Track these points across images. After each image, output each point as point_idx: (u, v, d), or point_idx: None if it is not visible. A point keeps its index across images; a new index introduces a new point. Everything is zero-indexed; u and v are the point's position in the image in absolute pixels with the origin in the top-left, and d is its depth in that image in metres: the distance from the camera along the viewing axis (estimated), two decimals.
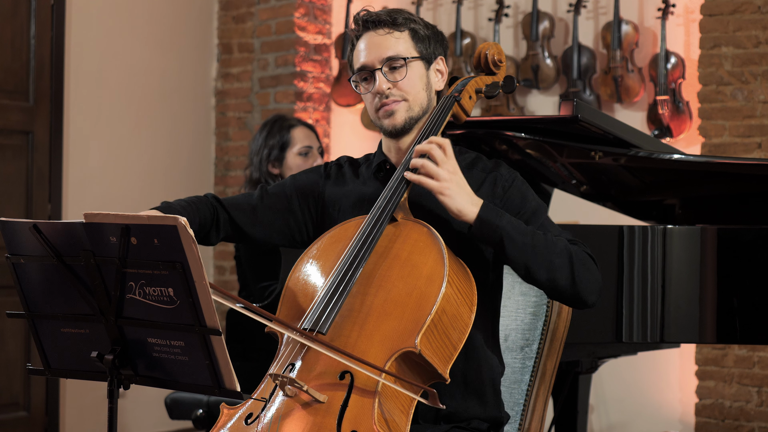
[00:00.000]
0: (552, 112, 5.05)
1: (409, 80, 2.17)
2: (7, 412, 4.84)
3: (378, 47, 2.18)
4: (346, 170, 2.34)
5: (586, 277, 2.07)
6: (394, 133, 2.20)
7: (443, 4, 5.45)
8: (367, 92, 2.20)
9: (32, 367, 2.03)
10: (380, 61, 2.18)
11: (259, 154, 3.85)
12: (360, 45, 2.22)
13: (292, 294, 2.11)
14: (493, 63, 2.30)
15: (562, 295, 2.09)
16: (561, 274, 2.05)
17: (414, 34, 2.20)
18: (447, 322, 1.97)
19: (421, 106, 2.19)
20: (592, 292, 2.08)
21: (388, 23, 2.19)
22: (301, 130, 3.88)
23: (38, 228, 1.87)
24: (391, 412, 1.91)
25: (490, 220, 2.03)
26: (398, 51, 2.18)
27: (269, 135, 3.86)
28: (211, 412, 3.67)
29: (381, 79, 2.17)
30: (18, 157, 4.91)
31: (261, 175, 3.83)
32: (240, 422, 1.97)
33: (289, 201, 2.32)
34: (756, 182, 3.11)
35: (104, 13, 5.34)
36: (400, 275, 2.01)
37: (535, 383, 2.48)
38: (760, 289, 2.93)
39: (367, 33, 2.21)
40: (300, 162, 3.83)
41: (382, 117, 2.19)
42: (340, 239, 2.13)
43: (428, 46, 2.22)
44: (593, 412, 4.90)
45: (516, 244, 2.03)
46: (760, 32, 4.47)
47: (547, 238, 2.06)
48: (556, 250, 2.05)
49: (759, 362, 4.50)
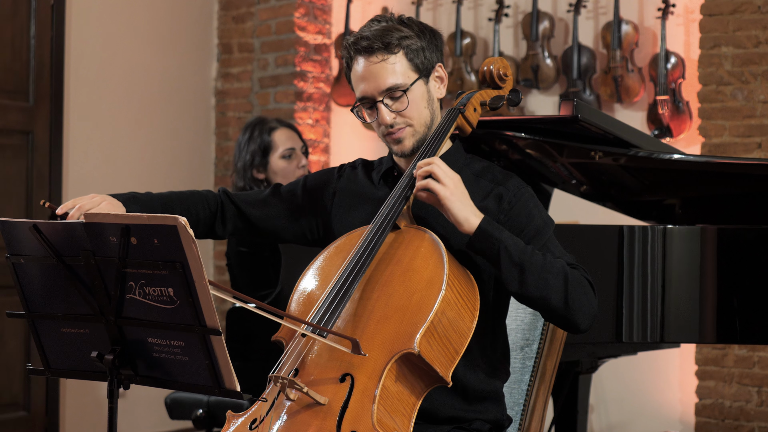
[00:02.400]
0: (552, 112, 5.05)
1: (411, 106, 2.17)
2: (7, 412, 4.84)
3: (376, 78, 2.16)
4: (359, 172, 2.35)
5: (581, 301, 2.06)
6: (403, 156, 2.22)
7: (443, 4, 5.45)
8: (373, 120, 2.20)
9: (32, 367, 2.04)
10: (380, 93, 2.16)
11: (242, 161, 3.78)
12: (357, 70, 2.19)
13: (298, 300, 2.14)
14: (498, 77, 2.31)
15: (554, 316, 2.09)
16: (554, 295, 2.04)
17: (408, 51, 2.17)
18: (447, 325, 1.97)
19: (425, 124, 2.20)
20: (585, 316, 2.08)
21: (381, 49, 2.15)
22: (282, 132, 3.81)
23: (38, 228, 1.87)
24: (391, 414, 1.91)
25: (490, 232, 2.03)
26: (397, 81, 2.15)
27: (251, 140, 3.78)
28: (211, 412, 3.67)
29: (384, 111, 2.16)
30: (18, 157, 4.91)
31: (246, 182, 3.76)
32: (244, 428, 1.98)
33: (301, 199, 2.35)
34: (756, 182, 3.11)
35: (104, 13, 5.34)
36: (401, 280, 2.02)
37: (535, 383, 2.48)
38: (760, 289, 2.93)
39: (359, 57, 2.18)
40: (284, 165, 3.77)
41: (390, 143, 2.20)
42: (345, 248, 2.15)
43: (425, 59, 2.19)
44: (593, 412, 4.90)
45: (512, 260, 2.03)
46: (760, 32, 4.47)
47: (545, 258, 2.06)
48: (553, 270, 2.05)
49: (759, 362, 4.50)
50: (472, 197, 2.15)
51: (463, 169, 2.22)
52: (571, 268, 2.09)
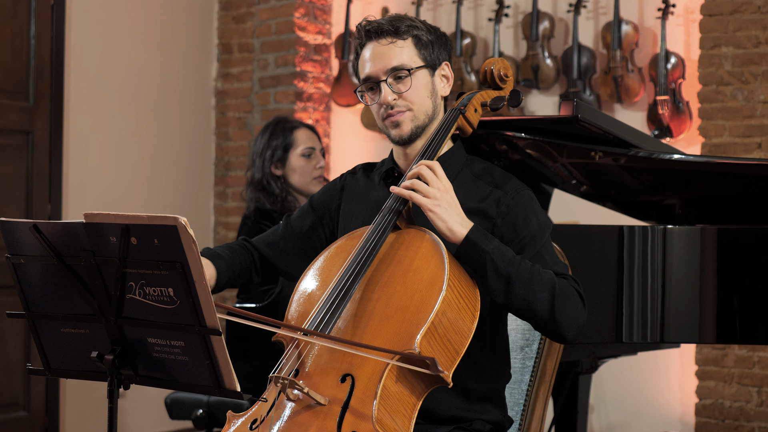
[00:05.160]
0: (552, 112, 5.05)
1: (414, 90, 2.18)
2: (7, 412, 4.84)
3: (382, 58, 2.18)
4: (359, 177, 2.37)
5: (567, 313, 2.06)
6: (401, 143, 2.22)
7: (443, 4, 5.45)
8: (374, 103, 2.22)
9: (32, 367, 2.04)
10: (385, 72, 2.18)
11: (262, 156, 3.86)
12: (365, 54, 2.22)
13: (298, 301, 2.15)
14: (499, 78, 2.31)
15: (540, 326, 2.10)
16: (540, 306, 2.04)
17: (417, 41, 2.20)
18: (448, 326, 1.97)
19: (426, 114, 2.21)
20: (571, 328, 2.08)
21: (391, 32, 2.19)
22: (304, 132, 3.90)
23: (38, 228, 1.87)
24: (392, 415, 1.91)
25: (477, 243, 2.03)
26: (402, 61, 2.18)
27: (272, 136, 3.87)
28: (211, 412, 3.67)
29: (386, 91, 2.18)
30: (18, 157, 4.91)
31: (263, 176, 3.83)
32: (244, 428, 1.98)
33: (311, 224, 2.38)
34: (756, 182, 3.11)
35: (104, 13, 5.34)
36: (402, 281, 2.02)
37: (535, 383, 2.48)
38: (760, 289, 2.93)
39: (370, 42, 2.21)
40: (303, 163, 3.85)
41: (389, 127, 2.21)
42: (345, 249, 2.16)
43: (432, 53, 2.22)
44: (593, 412, 4.90)
45: (498, 272, 2.03)
46: (760, 32, 4.47)
47: (533, 269, 2.06)
48: (540, 282, 2.04)
49: (759, 362, 4.50)
50: (470, 199, 2.14)
51: (463, 170, 2.22)
52: (561, 279, 2.08)
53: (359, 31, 2.23)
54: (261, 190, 3.84)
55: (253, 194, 3.85)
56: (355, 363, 1.95)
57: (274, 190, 3.82)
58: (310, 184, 3.86)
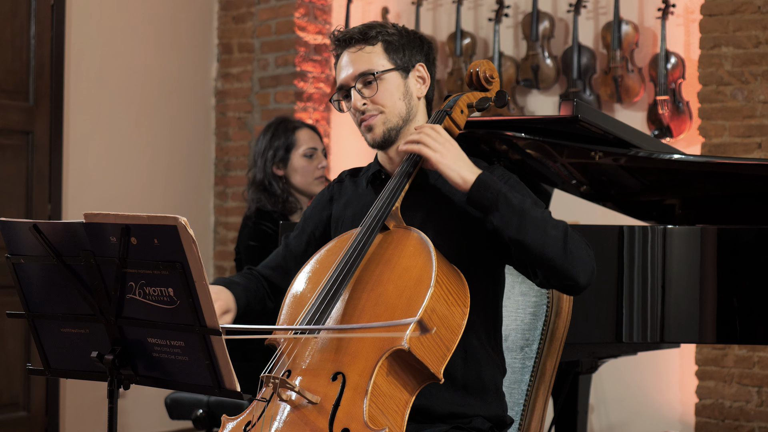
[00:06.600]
0: (552, 112, 5.05)
1: (382, 93, 2.21)
2: (7, 412, 4.84)
3: (351, 65, 2.22)
4: (347, 184, 2.40)
5: (579, 252, 2.04)
6: (375, 146, 2.25)
7: (443, 4, 5.45)
8: (348, 109, 2.26)
9: (32, 367, 2.04)
10: (353, 79, 2.22)
11: (264, 156, 3.86)
12: (339, 63, 2.27)
13: (290, 303, 2.17)
14: (485, 80, 2.33)
15: (552, 267, 2.03)
16: (553, 243, 2.02)
17: (388, 45, 2.23)
18: (437, 322, 1.98)
19: (399, 116, 2.23)
20: (584, 269, 2.03)
21: (360, 39, 2.22)
22: (306, 132, 3.91)
23: (38, 228, 1.87)
24: (384, 412, 1.92)
25: (488, 182, 2.05)
26: (370, 66, 2.21)
27: (274, 136, 3.88)
28: (211, 412, 3.67)
29: (355, 97, 2.22)
30: (18, 157, 4.91)
31: (265, 176, 3.84)
32: (239, 430, 1.99)
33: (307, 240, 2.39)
34: (756, 182, 3.11)
35: (104, 13, 5.34)
36: (390, 279, 2.04)
37: (535, 383, 2.48)
38: (760, 289, 2.93)
39: (342, 51, 2.26)
40: (304, 163, 3.86)
41: (363, 132, 2.25)
42: (335, 251, 2.18)
43: (404, 55, 2.24)
44: (593, 412, 4.90)
45: (512, 206, 2.03)
46: (760, 32, 4.47)
47: (545, 212, 2.07)
48: (552, 222, 2.05)
49: (759, 362, 4.50)
50: None
51: None
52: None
53: (332, 41, 2.28)
54: (263, 190, 3.84)
55: (254, 195, 3.86)
56: (345, 361, 1.96)
57: (275, 190, 3.83)
58: (311, 185, 3.87)
